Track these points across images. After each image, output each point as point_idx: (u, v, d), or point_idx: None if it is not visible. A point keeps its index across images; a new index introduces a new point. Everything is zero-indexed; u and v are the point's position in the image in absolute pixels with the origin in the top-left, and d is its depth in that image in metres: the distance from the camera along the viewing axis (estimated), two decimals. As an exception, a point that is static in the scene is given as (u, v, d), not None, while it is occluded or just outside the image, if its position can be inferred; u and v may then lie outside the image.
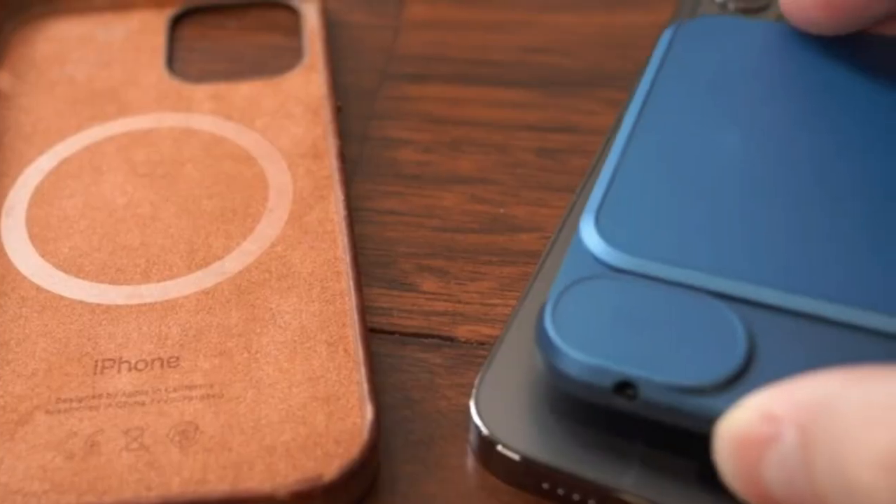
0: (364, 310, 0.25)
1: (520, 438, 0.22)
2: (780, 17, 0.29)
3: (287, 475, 0.22)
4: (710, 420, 0.20)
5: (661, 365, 0.20)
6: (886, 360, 0.20)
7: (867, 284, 0.22)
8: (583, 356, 0.21)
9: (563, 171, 0.30)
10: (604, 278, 0.22)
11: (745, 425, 0.18)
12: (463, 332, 0.26)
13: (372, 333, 0.26)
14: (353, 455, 0.22)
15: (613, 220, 0.24)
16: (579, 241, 0.23)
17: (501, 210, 0.29)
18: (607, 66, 0.34)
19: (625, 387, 0.21)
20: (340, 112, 0.32)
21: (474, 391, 0.23)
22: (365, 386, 0.23)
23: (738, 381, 0.20)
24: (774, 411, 0.18)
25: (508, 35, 0.36)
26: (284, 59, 0.34)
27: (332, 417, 0.23)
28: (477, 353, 0.26)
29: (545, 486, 0.22)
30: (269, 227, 0.28)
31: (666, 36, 0.29)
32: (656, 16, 0.35)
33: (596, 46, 0.35)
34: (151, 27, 0.35)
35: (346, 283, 0.26)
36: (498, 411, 0.22)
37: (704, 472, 0.21)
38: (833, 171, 0.24)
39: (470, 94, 0.33)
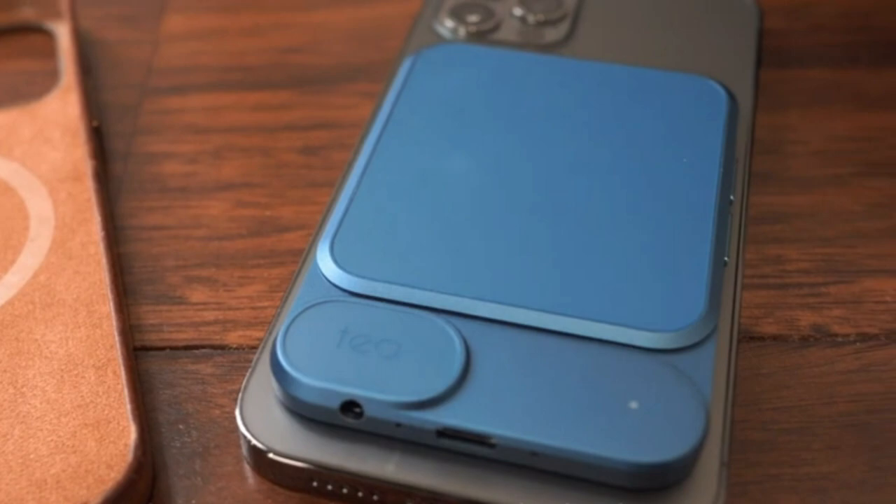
0: (127, 330, 0.25)
1: (285, 441, 0.22)
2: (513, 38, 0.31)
3: (58, 506, 0.22)
4: (432, 432, 0.21)
5: (383, 383, 0.22)
6: (587, 362, 0.22)
7: (570, 294, 0.23)
8: (309, 379, 0.22)
9: (327, 167, 0.31)
10: (334, 302, 0.23)
11: None
12: (234, 338, 0.27)
13: (143, 351, 0.26)
14: (119, 478, 0.22)
15: (347, 245, 0.25)
16: (315, 267, 0.25)
17: (267, 212, 0.30)
18: (360, 59, 0.35)
19: (351, 406, 0.22)
20: (98, 132, 0.31)
21: (239, 398, 0.23)
22: (128, 406, 0.24)
23: (456, 392, 0.22)
24: None
25: (263, 38, 0.36)
26: (42, 83, 0.34)
27: (103, 442, 0.23)
28: (248, 357, 0.26)
29: (315, 484, 0.22)
30: (31, 256, 0.28)
31: (406, 64, 0.30)
32: (405, 6, 0.36)
33: (348, 41, 0.35)
34: None
35: (110, 304, 0.26)
36: (264, 416, 0.23)
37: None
38: (549, 191, 0.26)
39: (229, 100, 0.34)
